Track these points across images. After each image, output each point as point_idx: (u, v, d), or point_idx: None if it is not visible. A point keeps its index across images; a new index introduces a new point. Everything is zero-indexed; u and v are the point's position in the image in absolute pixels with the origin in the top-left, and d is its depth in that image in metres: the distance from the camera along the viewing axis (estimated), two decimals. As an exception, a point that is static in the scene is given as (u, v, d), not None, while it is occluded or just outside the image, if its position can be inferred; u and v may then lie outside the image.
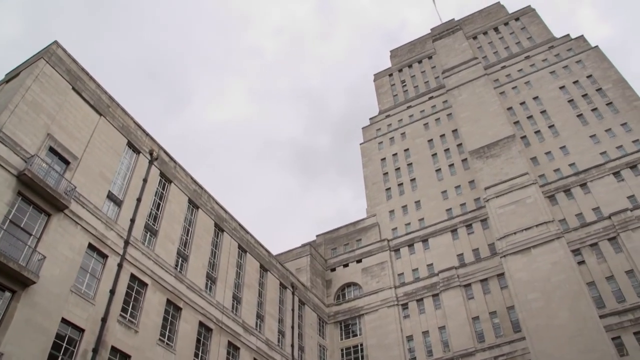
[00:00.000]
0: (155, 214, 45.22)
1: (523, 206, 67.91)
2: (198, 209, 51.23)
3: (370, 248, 78.42)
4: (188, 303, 44.45)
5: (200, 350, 44.70)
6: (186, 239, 48.45)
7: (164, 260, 43.24)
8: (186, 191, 49.94)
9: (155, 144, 47.39)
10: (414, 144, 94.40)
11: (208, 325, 46.14)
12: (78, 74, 40.75)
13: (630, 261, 60.55)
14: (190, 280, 45.88)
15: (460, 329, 64.66)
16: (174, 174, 48.92)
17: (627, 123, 75.88)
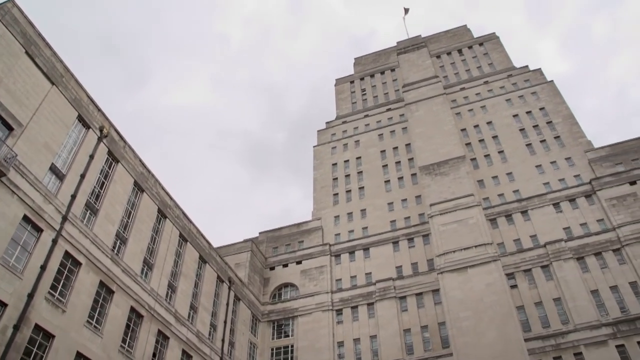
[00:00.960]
0: (98, 193, 44.00)
1: (465, 226, 69.44)
2: (143, 192, 50.16)
3: (311, 251, 78.63)
4: (121, 287, 43.38)
5: (129, 336, 43.68)
6: (127, 221, 47.32)
7: (101, 241, 42.11)
8: (133, 173, 48.82)
9: (106, 121, 46.14)
10: (367, 153, 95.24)
11: (139, 312, 45.21)
12: (33, 38, 39.11)
13: (558, 289, 63.18)
14: (127, 264, 44.84)
15: (391, 340, 65.58)
16: (123, 154, 47.77)
17: (571, 158, 78.81)
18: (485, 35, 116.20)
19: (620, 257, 64.17)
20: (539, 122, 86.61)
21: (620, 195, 68.72)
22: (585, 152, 78.25)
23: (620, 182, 70.09)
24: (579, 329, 59.29)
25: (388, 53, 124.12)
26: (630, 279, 61.78)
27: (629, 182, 69.65)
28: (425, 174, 79.40)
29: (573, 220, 70.05)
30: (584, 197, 71.57)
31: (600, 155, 76.79)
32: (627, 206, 67.40)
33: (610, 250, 64.90)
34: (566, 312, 61.31)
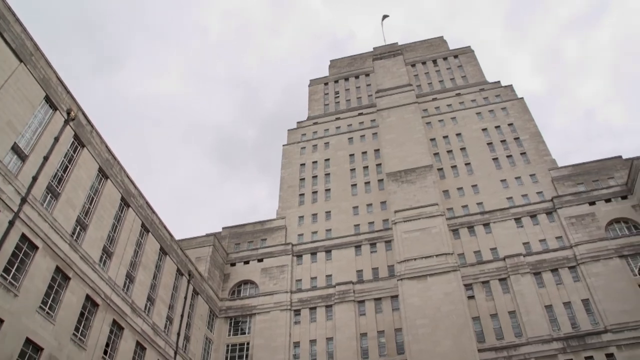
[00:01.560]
0: (60, 176, 42.97)
1: (428, 235, 70.10)
2: (107, 179, 49.25)
3: (273, 249, 78.37)
4: (78, 274, 42.43)
5: (83, 324, 42.74)
6: (89, 208, 46.37)
7: (60, 226, 41.13)
8: (98, 159, 47.88)
9: (75, 104, 45.09)
10: (336, 156, 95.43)
11: (95, 300, 44.34)
12: (2, 12, 37.83)
13: (514, 303, 64.44)
14: (85, 251, 43.92)
15: (347, 343, 65.79)
16: (89, 139, 46.80)
17: (535, 174, 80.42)
18: (460, 48, 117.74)
19: (575, 274, 65.74)
20: (506, 138, 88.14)
21: (579, 215, 70.37)
22: (549, 170, 79.91)
23: (580, 201, 71.80)
24: (531, 342, 60.53)
25: (364, 58, 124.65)
26: (583, 296, 63.38)
27: (589, 202, 71.40)
28: (392, 181, 79.91)
29: (533, 236, 71.50)
30: (545, 213, 73.11)
31: (563, 174, 78.51)
32: (585, 225, 69.05)
33: (566, 267, 66.49)
34: (520, 325, 62.51)
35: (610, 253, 65.44)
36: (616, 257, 65.01)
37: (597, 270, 64.57)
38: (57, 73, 43.19)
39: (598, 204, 70.88)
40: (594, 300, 62.25)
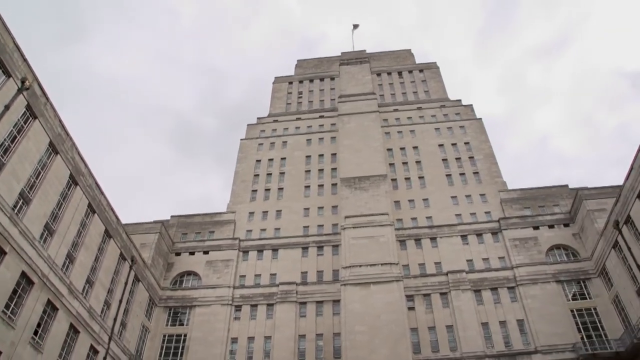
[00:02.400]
0: (7, 146, 41.34)
1: (375, 243, 70.73)
2: (57, 154, 47.71)
3: (220, 243, 77.65)
4: (15, 249, 40.78)
5: (14, 302, 41.13)
6: (34, 182, 44.78)
7: (2, 198, 39.62)
8: (50, 132, 46.32)
9: (31, 73, 43.46)
10: (292, 155, 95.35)
11: (31, 278, 42.78)
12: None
13: (452, 317, 65.61)
14: (26, 226, 42.33)
15: (285, 343, 65.68)
16: (42, 111, 45.22)
17: (485, 195, 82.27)
18: (426, 63, 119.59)
19: (513, 295, 67.46)
20: (461, 156, 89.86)
21: (523, 238, 72.28)
22: (499, 192, 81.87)
23: (525, 225, 73.75)
24: (465, 357, 61.75)
25: (331, 61, 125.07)
26: (518, 316, 65.12)
27: (533, 226, 73.42)
28: (345, 186, 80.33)
29: (477, 254, 73.02)
30: (491, 233, 74.78)
31: (511, 197, 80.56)
32: (527, 249, 70.97)
33: (506, 287, 68.16)
34: (456, 339, 63.67)
35: (548, 277, 67.48)
36: (553, 282, 67.07)
37: (534, 292, 66.46)
38: (15, 39, 41.60)
39: (541, 229, 72.97)
40: (528, 321, 64.06)
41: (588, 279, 66.79)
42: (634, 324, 56.64)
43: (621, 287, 59.90)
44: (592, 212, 67.04)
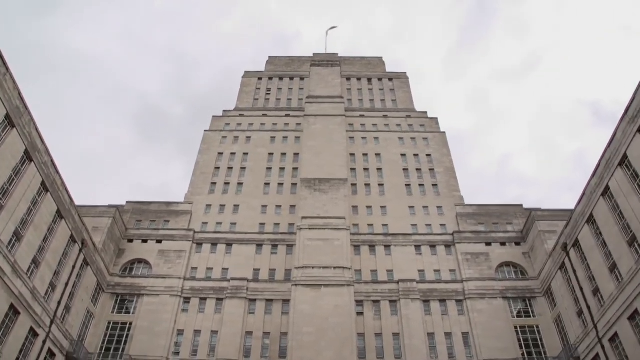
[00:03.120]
0: (-39, 115, 39.98)
1: (330, 246, 70.93)
2: (13, 128, 46.07)
3: (175, 233, 76.65)
4: (-39, 221, 39.51)
5: (-45, 275, 39.77)
6: (-13, 154, 43.35)
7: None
8: (7, 104, 44.66)
9: (-8, 43, 42.10)
10: (255, 152, 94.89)
11: (-26, 252, 41.41)
12: None
13: (400, 325, 66.30)
14: (-26, 199, 41.00)
15: (231, 339, 65.21)
16: (1, 82, 43.79)
17: (442, 207, 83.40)
18: (397, 72, 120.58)
19: (460, 307, 68.55)
20: (422, 167, 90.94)
21: (474, 252, 73.56)
22: (456, 206, 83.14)
23: (478, 240, 75.09)
24: (409, 366, 62.44)
25: (302, 61, 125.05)
26: (464, 329, 66.24)
27: (485, 242, 74.81)
28: (305, 187, 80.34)
29: (429, 265, 73.93)
30: (444, 246, 75.83)
31: (467, 212, 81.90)
32: (478, 264, 72.24)
33: (454, 300, 69.22)
34: (402, 347, 64.28)
35: (495, 293, 68.83)
36: (500, 298, 68.45)
37: (481, 307, 67.67)
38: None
39: (493, 246, 74.41)
40: (473, 335, 65.20)
41: (533, 298, 68.42)
42: (571, 343, 58.85)
43: (563, 308, 61.59)
44: (543, 233, 68.73)
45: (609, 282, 51.22)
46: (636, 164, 46.45)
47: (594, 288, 54.63)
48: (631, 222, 47.40)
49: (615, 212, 50.59)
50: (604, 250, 52.84)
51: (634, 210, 46.81)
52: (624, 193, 48.28)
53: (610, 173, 50.35)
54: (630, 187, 47.40)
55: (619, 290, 49.19)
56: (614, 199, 50.55)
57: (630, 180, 47.62)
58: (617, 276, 50.24)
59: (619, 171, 49.08)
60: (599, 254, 53.31)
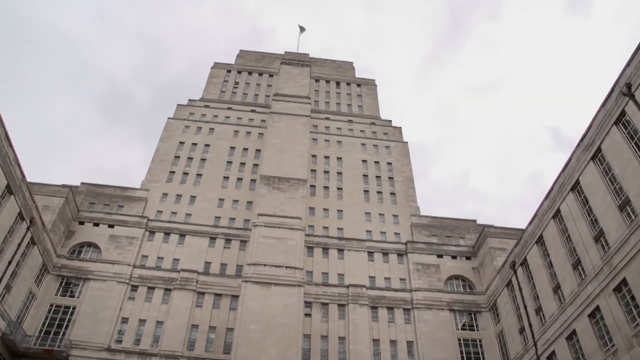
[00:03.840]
0: None
1: (283, 245, 70.84)
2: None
3: (128, 219, 75.29)
4: None
5: None
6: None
7: None
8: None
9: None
10: (217, 144, 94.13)
11: None
12: None
13: (346, 329, 66.78)
14: None
15: (176, 331, 64.44)
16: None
17: (398, 216, 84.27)
18: (366, 78, 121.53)
19: (407, 316, 69.41)
20: (382, 175, 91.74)
21: (425, 263, 74.56)
22: (411, 216, 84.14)
23: (430, 252, 76.17)
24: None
25: (273, 58, 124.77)
26: (409, 338, 67.10)
27: (437, 254, 75.96)
28: (264, 184, 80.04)
29: (380, 272, 74.57)
30: (397, 254, 76.61)
31: (422, 223, 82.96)
32: (428, 275, 73.26)
33: (402, 309, 70.02)
34: (346, 351, 64.64)
35: (442, 305, 69.94)
36: (446, 310, 69.60)
37: (427, 317, 68.65)
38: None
39: (445, 258, 75.60)
40: (417, 344, 66.07)
41: (479, 312, 69.79)
42: (511, 359, 60.44)
43: (507, 324, 63.02)
44: (494, 249, 70.16)
45: (552, 302, 52.72)
46: (587, 191, 48.01)
47: (537, 307, 56.14)
48: (577, 245, 48.97)
49: (563, 235, 52.14)
50: (549, 271, 54.40)
51: (581, 234, 48.36)
52: (573, 217, 49.81)
53: (562, 197, 51.86)
54: (579, 212, 48.96)
55: (560, 310, 50.71)
56: (563, 222, 52.09)
57: (580, 205, 49.19)
58: (560, 297, 51.79)
59: (570, 196, 50.60)
60: (545, 274, 54.83)
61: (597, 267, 45.14)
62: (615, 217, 43.55)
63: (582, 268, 48.05)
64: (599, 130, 46.08)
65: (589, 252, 46.82)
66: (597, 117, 46.37)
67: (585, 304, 46.55)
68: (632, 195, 41.51)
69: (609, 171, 45.31)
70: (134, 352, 62.33)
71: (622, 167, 43.08)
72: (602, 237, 45.43)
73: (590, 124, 47.40)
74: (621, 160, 43.18)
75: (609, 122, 44.60)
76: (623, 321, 41.16)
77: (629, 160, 42.09)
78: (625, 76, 42.38)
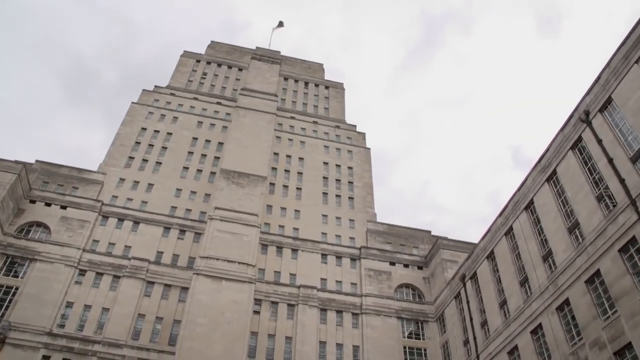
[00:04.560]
0: None
1: (238, 241, 70.49)
2: None
3: (81, 201, 73.66)
4: None
5: None
6: None
7: None
8: None
9: None
10: (180, 134, 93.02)
11: None
12: None
13: (294, 330, 67.24)
14: None
15: (122, 319, 63.43)
16: None
17: (354, 221, 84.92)
18: (334, 81, 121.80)
19: (355, 321, 70.00)
20: (342, 179, 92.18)
21: (378, 270, 75.32)
22: (367, 222, 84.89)
23: (383, 259, 76.96)
24: (295, 371, 62.97)
25: (244, 52, 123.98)
26: (355, 342, 67.81)
27: (390, 262, 76.84)
28: (223, 178, 79.45)
29: (332, 275, 75.04)
30: (350, 259, 77.19)
31: (377, 229, 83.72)
32: (380, 281, 74.00)
33: (350, 313, 70.61)
34: (292, 352, 64.84)
35: (391, 312, 70.79)
36: (394, 317, 70.48)
37: (375, 323, 69.34)
38: None
39: (397, 266, 76.54)
40: (363, 349, 66.73)
41: (426, 322, 70.90)
42: (452, 371, 61.47)
43: (452, 335, 64.19)
44: (446, 261, 71.36)
45: (497, 317, 53.97)
46: (540, 211, 49.39)
47: (482, 320, 57.38)
48: (526, 263, 50.29)
49: (513, 253, 53.46)
50: (497, 287, 55.67)
51: (530, 253, 49.68)
52: (525, 236, 51.13)
53: (516, 215, 53.15)
54: (531, 231, 50.29)
55: (504, 325, 51.97)
56: (514, 239, 53.40)
57: (532, 225, 50.54)
58: (505, 312, 53.07)
59: (523, 215, 51.91)
60: (493, 289, 56.07)
61: (543, 286, 46.47)
62: (564, 238, 44.93)
63: (529, 286, 49.39)
64: (556, 153, 47.49)
65: (537, 271, 48.16)
66: (555, 141, 47.81)
67: (528, 321, 47.88)
68: (581, 218, 42.92)
69: (562, 194, 46.73)
70: (76, 337, 61.07)
71: (574, 191, 44.50)
72: (550, 257, 46.84)
73: (548, 146, 48.80)
74: (574, 184, 44.61)
75: (566, 147, 46.02)
76: (562, 339, 42.55)
77: (582, 184, 43.52)
78: (585, 104, 43.84)
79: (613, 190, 39.61)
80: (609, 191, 40.33)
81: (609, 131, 40.99)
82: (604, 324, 38.09)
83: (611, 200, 40.02)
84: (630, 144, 38.83)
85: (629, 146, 38.94)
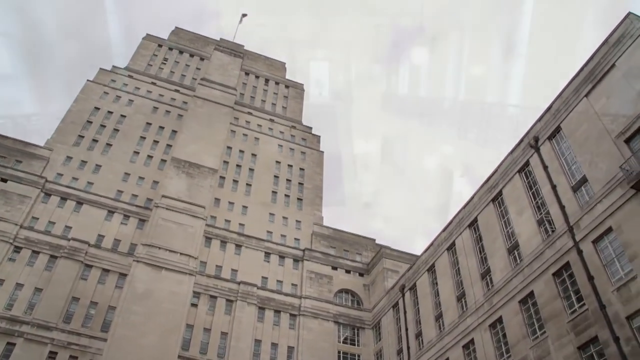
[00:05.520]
0: None
1: (182, 231, 69.70)
2: None
3: (24, 175, 71.15)
4: None
5: None
6: None
7: None
8: None
9: None
10: (133, 117, 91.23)
11: None
12: None
13: (230, 326, 67.01)
14: None
15: (54, 301, 61.66)
16: None
17: (301, 222, 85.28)
18: (295, 82, 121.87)
19: (292, 322, 70.41)
20: (293, 179, 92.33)
21: (319, 273, 75.82)
22: (313, 224, 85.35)
23: (326, 263, 77.59)
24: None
25: (208, 42, 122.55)
26: (291, 343, 68.81)
27: (332, 266, 77.53)
28: (174, 166, 78.41)
29: (273, 274, 75.11)
30: (293, 259, 77.44)
31: (323, 233, 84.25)
32: (320, 285, 74.47)
33: (288, 313, 70.86)
34: (226, 347, 64.49)
35: (329, 316, 71.33)
36: (331, 321, 71.07)
37: (312, 325, 69.74)
38: None
39: (339, 271, 77.22)
40: (297, 350, 67.08)
41: (362, 328, 71.74)
42: (385, 379, 62.47)
43: (387, 344, 65.21)
44: (387, 270, 72.45)
45: (432, 329, 55.18)
46: (482, 229, 50.85)
47: (418, 331, 58.55)
48: (465, 279, 51.61)
49: (453, 268, 54.77)
50: (435, 300, 56.92)
51: (469, 270, 51.03)
52: (466, 252, 52.48)
53: (459, 232, 54.48)
54: (472, 248, 51.70)
55: (438, 338, 53.20)
56: (456, 255, 54.75)
57: (474, 242, 51.96)
58: (440, 325, 54.31)
59: (467, 231, 53.27)
60: (431, 302, 57.29)
61: (478, 303, 47.79)
62: (503, 258, 46.36)
63: (465, 301, 50.69)
64: (503, 175, 48.97)
65: (474, 287, 49.49)
66: (504, 163, 49.36)
67: (462, 335, 49.17)
68: (521, 240, 44.43)
69: (505, 215, 48.20)
70: (4, 317, 58.95)
71: (517, 213, 46.04)
72: (488, 275, 48.21)
73: (497, 167, 50.24)
74: (517, 207, 46.14)
75: (514, 170, 47.55)
76: (492, 355, 43.96)
77: (524, 207, 45.07)
78: (535, 130, 45.45)
79: (553, 215, 41.18)
80: (549, 216, 41.88)
81: (555, 159, 42.63)
82: (532, 344, 39.53)
83: (551, 226, 41.59)
84: (574, 173, 40.55)
85: (572, 175, 40.65)
